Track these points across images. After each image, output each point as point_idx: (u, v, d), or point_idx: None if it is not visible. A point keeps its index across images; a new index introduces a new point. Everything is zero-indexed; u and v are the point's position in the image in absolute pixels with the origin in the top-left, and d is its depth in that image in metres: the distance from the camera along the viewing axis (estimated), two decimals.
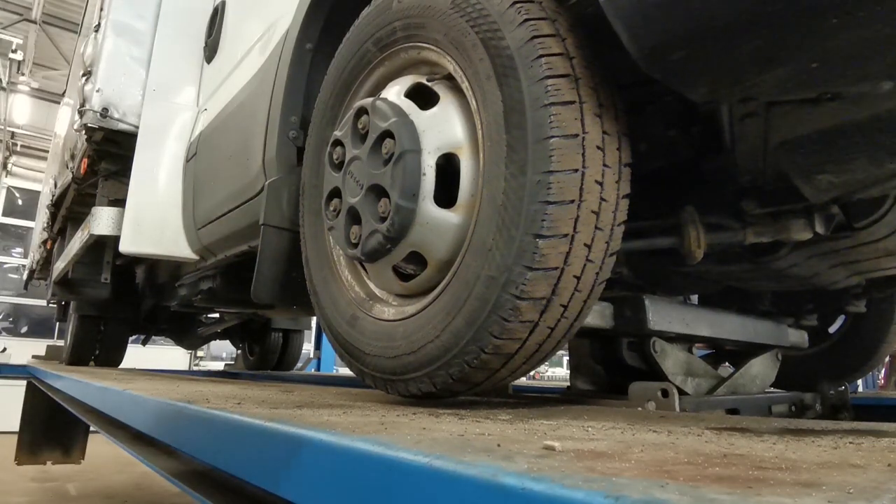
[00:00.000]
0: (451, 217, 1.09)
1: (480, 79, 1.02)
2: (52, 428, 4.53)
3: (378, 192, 1.14)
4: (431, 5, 1.13)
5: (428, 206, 1.09)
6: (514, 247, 0.91)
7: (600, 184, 0.93)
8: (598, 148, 0.93)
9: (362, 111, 1.21)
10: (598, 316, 1.34)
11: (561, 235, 0.89)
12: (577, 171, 0.90)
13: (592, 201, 0.92)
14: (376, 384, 1.17)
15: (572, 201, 0.90)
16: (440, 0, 1.11)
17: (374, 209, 1.14)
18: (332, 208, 1.27)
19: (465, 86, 1.09)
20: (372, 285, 1.31)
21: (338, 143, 1.28)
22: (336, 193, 1.27)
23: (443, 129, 1.12)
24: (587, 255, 0.93)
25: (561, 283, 0.92)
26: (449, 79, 1.17)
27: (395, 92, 1.22)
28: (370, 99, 1.22)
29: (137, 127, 2.78)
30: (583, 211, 0.91)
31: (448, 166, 1.11)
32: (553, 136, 0.89)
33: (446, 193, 1.10)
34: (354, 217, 1.20)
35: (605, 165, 0.93)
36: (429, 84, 1.19)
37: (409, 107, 1.16)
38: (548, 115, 0.90)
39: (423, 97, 1.18)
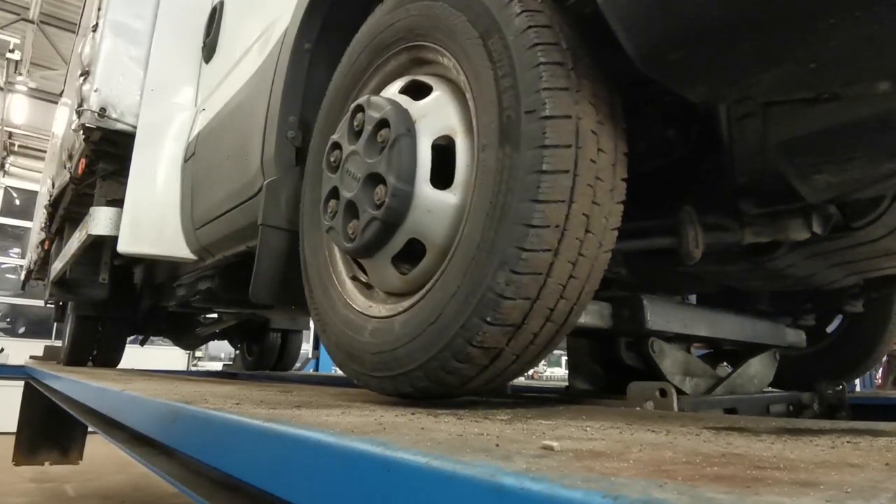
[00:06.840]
0: (449, 197, 1.08)
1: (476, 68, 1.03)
2: (50, 428, 4.52)
3: (375, 179, 1.15)
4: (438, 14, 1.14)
5: (424, 188, 1.09)
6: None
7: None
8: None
9: (358, 109, 1.23)
10: (597, 315, 1.34)
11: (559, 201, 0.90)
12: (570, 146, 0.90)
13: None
14: (370, 385, 1.16)
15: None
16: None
17: (371, 198, 1.14)
18: (329, 210, 1.27)
19: (461, 79, 1.10)
20: (367, 285, 1.31)
21: (336, 145, 1.29)
22: (334, 194, 1.27)
23: (438, 114, 1.13)
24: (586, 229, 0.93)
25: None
26: (441, 76, 1.19)
27: (390, 91, 1.25)
28: (366, 96, 1.23)
29: (135, 127, 2.77)
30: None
31: (445, 153, 1.11)
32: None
33: (443, 179, 1.10)
34: (352, 211, 1.21)
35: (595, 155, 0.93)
36: (422, 79, 1.21)
37: (403, 99, 1.18)
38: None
39: (420, 92, 1.19)
